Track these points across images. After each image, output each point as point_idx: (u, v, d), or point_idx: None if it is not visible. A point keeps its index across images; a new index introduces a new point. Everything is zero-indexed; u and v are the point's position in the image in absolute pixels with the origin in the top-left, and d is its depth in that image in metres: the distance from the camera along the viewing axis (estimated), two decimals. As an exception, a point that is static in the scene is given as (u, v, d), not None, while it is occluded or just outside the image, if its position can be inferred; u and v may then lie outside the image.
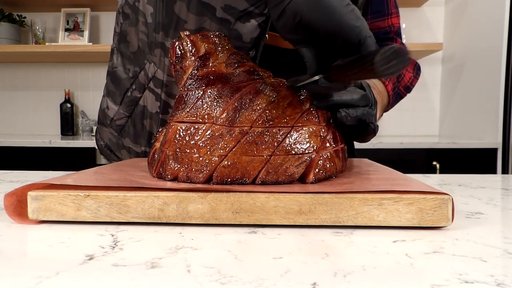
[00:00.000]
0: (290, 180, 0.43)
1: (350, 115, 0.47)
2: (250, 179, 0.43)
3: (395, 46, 0.35)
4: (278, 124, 0.44)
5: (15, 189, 0.41)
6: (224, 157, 0.43)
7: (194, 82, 0.47)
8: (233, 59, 0.49)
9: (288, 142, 0.43)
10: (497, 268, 0.29)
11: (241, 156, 0.43)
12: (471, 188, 0.63)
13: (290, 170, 0.43)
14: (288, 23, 0.42)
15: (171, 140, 0.46)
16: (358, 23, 0.39)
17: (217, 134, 0.44)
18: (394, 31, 0.85)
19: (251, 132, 0.43)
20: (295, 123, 0.44)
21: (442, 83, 2.44)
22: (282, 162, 0.43)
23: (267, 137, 0.43)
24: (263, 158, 0.43)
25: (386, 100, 0.76)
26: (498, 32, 1.87)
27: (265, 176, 0.43)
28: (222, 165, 0.43)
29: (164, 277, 0.27)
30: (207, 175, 0.43)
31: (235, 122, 0.44)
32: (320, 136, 0.45)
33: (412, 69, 0.83)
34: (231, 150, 0.43)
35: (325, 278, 0.27)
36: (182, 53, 0.50)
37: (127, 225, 0.40)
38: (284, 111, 0.44)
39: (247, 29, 0.64)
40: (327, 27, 0.39)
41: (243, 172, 0.43)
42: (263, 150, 0.43)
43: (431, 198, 0.38)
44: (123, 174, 0.50)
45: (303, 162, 0.43)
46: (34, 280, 0.27)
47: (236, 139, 0.43)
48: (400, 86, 0.80)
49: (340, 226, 0.39)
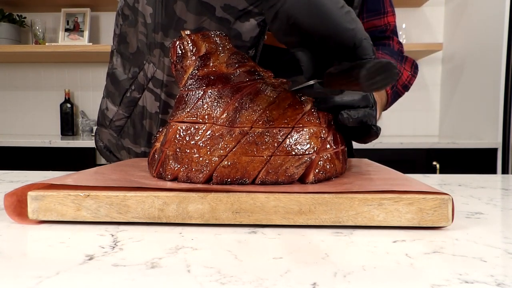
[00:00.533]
0: (290, 180, 0.43)
1: (352, 117, 0.47)
2: (250, 179, 0.43)
3: (383, 61, 0.35)
4: (278, 124, 0.44)
5: (15, 189, 0.41)
6: (224, 157, 0.43)
7: (195, 82, 0.47)
8: (234, 59, 0.49)
9: (289, 142, 0.43)
10: (497, 268, 0.29)
11: (241, 156, 0.43)
12: (471, 188, 0.63)
13: (290, 171, 0.43)
14: (282, 26, 0.41)
15: (171, 140, 0.46)
16: (353, 25, 0.38)
17: (217, 134, 0.44)
18: (390, 29, 0.85)
19: (251, 133, 0.43)
20: (296, 124, 0.44)
21: (442, 83, 2.44)
22: (282, 163, 0.43)
23: (267, 137, 0.43)
24: (263, 159, 0.43)
25: (385, 99, 0.76)
26: (498, 32, 1.87)
27: (265, 177, 0.43)
28: (222, 165, 0.43)
29: (164, 277, 0.27)
30: (207, 175, 0.43)
31: (236, 123, 0.44)
32: (320, 137, 0.45)
33: (410, 67, 0.83)
34: (231, 150, 0.43)
35: (325, 278, 0.27)
36: (182, 52, 0.50)
37: (127, 225, 0.40)
38: (284, 112, 0.44)
39: (247, 28, 0.64)
40: (320, 30, 0.39)
41: (243, 172, 0.43)
42: (263, 150, 0.43)
43: (431, 198, 0.38)
44: (123, 174, 0.50)
45: (303, 163, 0.43)
46: (34, 280, 0.27)
47: (236, 139, 0.43)
48: (398, 84, 0.80)
49: (340, 226, 0.39)
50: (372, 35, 0.82)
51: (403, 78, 0.81)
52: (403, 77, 0.81)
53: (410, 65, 0.83)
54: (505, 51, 1.85)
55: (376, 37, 0.84)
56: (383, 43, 0.85)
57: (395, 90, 0.79)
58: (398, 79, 0.79)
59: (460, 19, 2.22)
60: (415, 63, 0.84)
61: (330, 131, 0.47)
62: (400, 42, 0.87)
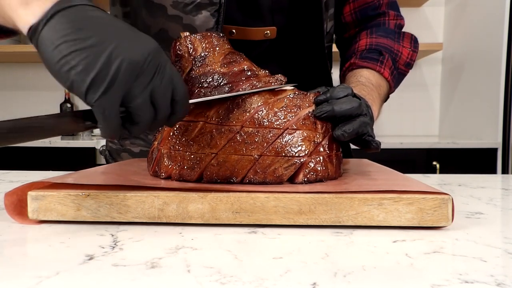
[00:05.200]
0: (278, 181, 0.44)
1: (346, 132, 0.47)
2: (239, 178, 0.43)
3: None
4: (269, 125, 0.44)
5: (16, 188, 0.41)
6: (214, 155, 0.43)
7: (190, 82, 0.48)
8: (229, 59, 0.50)
9: (279, 144, 0.44)
10: (497, 268, 0.29)
11: (230, 155, 0.43)
12: (471, 188, 0.63)
13: (278, 171, 0.43)
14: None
15: (166, 138, 0.47)
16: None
17: (209, 132, 0.44)
18: (385, 3, 0.78)
19: (241, 132, 0.44)
20: (289, 126, 0.44)
21: (442, 83, 2.44)
22: (271, 163, 0.43)
23: (257, 137, 0.44)
24: (251, 158, 0.43)
25: (385, 88, 0.72)
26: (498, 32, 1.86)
27: (253, 176, 0.43)
28: (211, 163, 0.44)
29: (164, 277, 0.27)
30: (198, 173, 0.44)
31: (226, 122, 0.44)
32: (313, 141, 0.45)
33: (409, 43, 0.78)
34: (220, 149, 0.44)
35: (325, 278, 0.27)
36: (180, 53, 0.50)
37: (127, 225, 0.40)
38: (277, 114, 0.45)
39: (200, 21, 0.63)
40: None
41: (232, 171, 0.43)
42: (252, 150, 0.43)
43: (431, 198, 0.38)
44: (123, 173, 0.51)
45: (292, 165, 0.44)
46: (34, 280, 0.27)
47: (226, 138, 0.44)
48: (399, 65, 0.76)
49: (340, 226, 0.39)
50: (364, 13, 0.78)
51: (403, 56, 0.76)
52: (403, 56, 0.76)
53: (408, 40, 0.78)
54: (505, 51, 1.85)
55: (369, 16, 0.78)
56: (377, 22, 0.79)
57: (398, 71, 0.75)
58: (398, 60, 0.75)
59: (460, 19, 2.22)
60: (413, 37, 0.79)
61: (326, 137, 0.47)
62: (398, 16, 0.80)
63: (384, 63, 0.72)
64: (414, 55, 0.78)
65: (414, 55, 0.78)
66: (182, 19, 0.64)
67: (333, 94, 0.48)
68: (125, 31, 0.36)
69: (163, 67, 0.37)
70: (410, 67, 0.78)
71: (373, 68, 0.71)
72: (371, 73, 0.71)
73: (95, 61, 0.33)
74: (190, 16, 0.63)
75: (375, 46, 0.74)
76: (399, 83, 0.78)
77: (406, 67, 0.77)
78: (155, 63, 0.36)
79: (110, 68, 0.34)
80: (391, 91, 0.75)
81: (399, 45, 0.76)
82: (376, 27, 0.78)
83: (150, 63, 0.36)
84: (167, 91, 0.37)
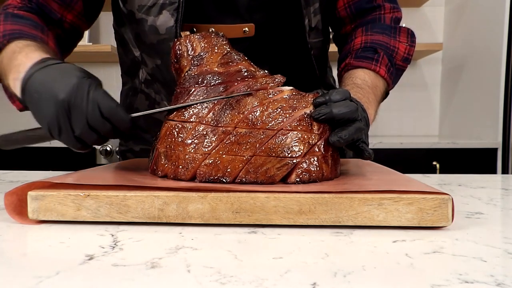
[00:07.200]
0: (270, 181, 0.44)
1: (342, 138, 0.47)
2: (231, 178, 0.43)
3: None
4: (262, 126, 0.44)
5: (15, 188, 0.41)
6: (207, 155, 0.44)
7: (187, 81, 0.49)
8: (226, 59, 0.50)
9: (272, 144, 0.44)
10: (497, 268, 0.29)
11: (223, 155, 0.44)
12: (471, 188, 0.63)
13: (270, 172, 0.44)
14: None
15: (163, 137, 0.47)
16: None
17: (203, 132, 0.45)
18: None
19: (234, 132, 0.44)
20: (283, 127, 0.44)
21: (442, 83, 2.44)
22: (263, 163, 0.43)
23: (250, 138, 0.44)
24: (244, 158, 0.43)
25: (382, 87, 0.71)
26: (498, 32, 1.86)
27: (245, 175, 0.43)
28: (205, 163, 0.44)
29: (164, 277, 0.27)
30: (191, 172, 0.44)
31: (220, 122, 0.45)
32: (308, 142, 0.45)
33: (406, 37, 0.76)
34: (214, 149, 0.44)
35: (325, 278, 0.27)
36: (180, 52, 0.51)
37: (127, 225, 0.40)
38: (270, 115, 0.45)
39: (161, 21, 0.64)
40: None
41: (224, 171, 0.43)
42: (244, 150, 0.43)
43: (431, 198, 0.38)
44: (124, 173, 0.51)
45: (285, 165, 0.44)
46: (34, 280, 0.27)
47: (219, 138, 0.44)
48: (396, 61, 0.74)
49: (340, 226, 0.39)
50: (359, 7, 0.75)
51: (400, 52, 0.74)
52: (400, 52, 0.74)
53: (405, 35, 0.76)
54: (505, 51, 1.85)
55: (363, 9, 0.75)
56: (372, 17, 0.76)
57: (396, 67, 0.74)
58: (395, 56, 0.73)
59: (460, 19, 2.22)
60: (409, 31, 0.77)
61: (322, 138, 0.46)
62: (394, 8, 0.77)
63: (379, 61, 0.70)
64: (411, 50, 0.76)
65: (411, 50, 0.76)
66: (147, 21, 0.65)
67: (332, 96, 0.48)
68: (52, 80, 0.47)
69: (87, 95, 0.46)
70: (408, 62, 0.76)
71: (369, 67, 0.69)
72: (367, 73, 0.69)
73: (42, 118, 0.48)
74: (152, 17, 0.64)
75: (370, 44, 0.72)
76: (398, 79, 0.76)
77: (404, 62, 0.75)
78: (81, 95, 0.45)
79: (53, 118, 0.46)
80: (389, 88, 0.74)
81: (395, 41, 0.73)
82: (372, 24, 0.75)
83: (75, 98, 0.45)
84: (95, 113, 0.46)
